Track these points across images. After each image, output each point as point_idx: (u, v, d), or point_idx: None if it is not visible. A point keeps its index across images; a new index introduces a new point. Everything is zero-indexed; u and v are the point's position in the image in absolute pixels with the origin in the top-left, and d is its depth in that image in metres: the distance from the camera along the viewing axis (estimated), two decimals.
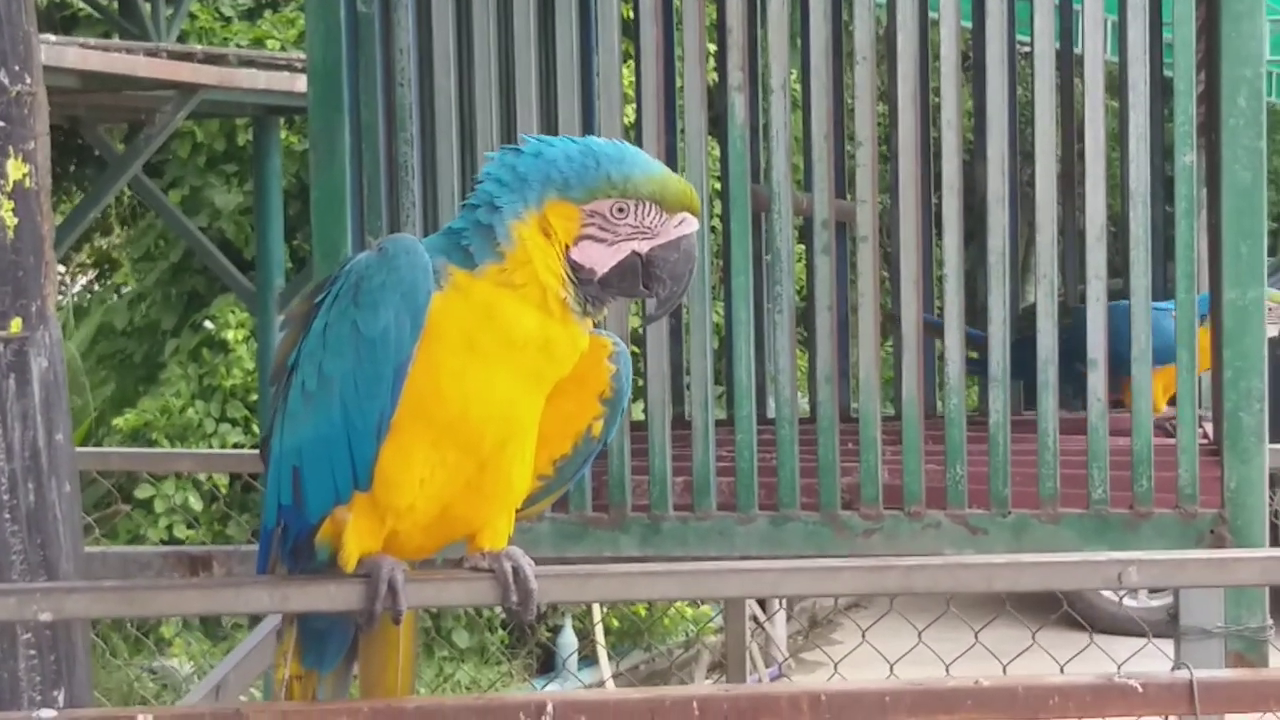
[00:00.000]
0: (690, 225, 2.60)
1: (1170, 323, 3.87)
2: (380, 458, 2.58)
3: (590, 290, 2.57)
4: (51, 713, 2.80)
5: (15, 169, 3.37)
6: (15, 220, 3.39)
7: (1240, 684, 2.58)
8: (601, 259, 2.57)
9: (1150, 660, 4.35)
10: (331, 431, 2.59)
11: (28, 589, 2.87)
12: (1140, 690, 2.52)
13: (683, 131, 3.97)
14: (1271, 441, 4.02)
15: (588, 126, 4.19)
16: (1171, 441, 3.83)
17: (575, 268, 2.56)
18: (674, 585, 2.59)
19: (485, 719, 2.51)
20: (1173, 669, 2.57)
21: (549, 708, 2.38)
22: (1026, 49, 4.07)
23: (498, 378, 2.56)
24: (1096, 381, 3.81)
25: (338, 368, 2.58)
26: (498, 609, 9.46)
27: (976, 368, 4.00)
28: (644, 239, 2.58)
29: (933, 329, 4.29)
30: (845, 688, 2.51)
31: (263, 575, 2.76)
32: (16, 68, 3.38)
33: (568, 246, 2.56)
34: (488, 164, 2.62)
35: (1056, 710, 2.52)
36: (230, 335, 10.53)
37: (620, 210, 2.57)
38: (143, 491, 9.56)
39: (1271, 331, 5.06)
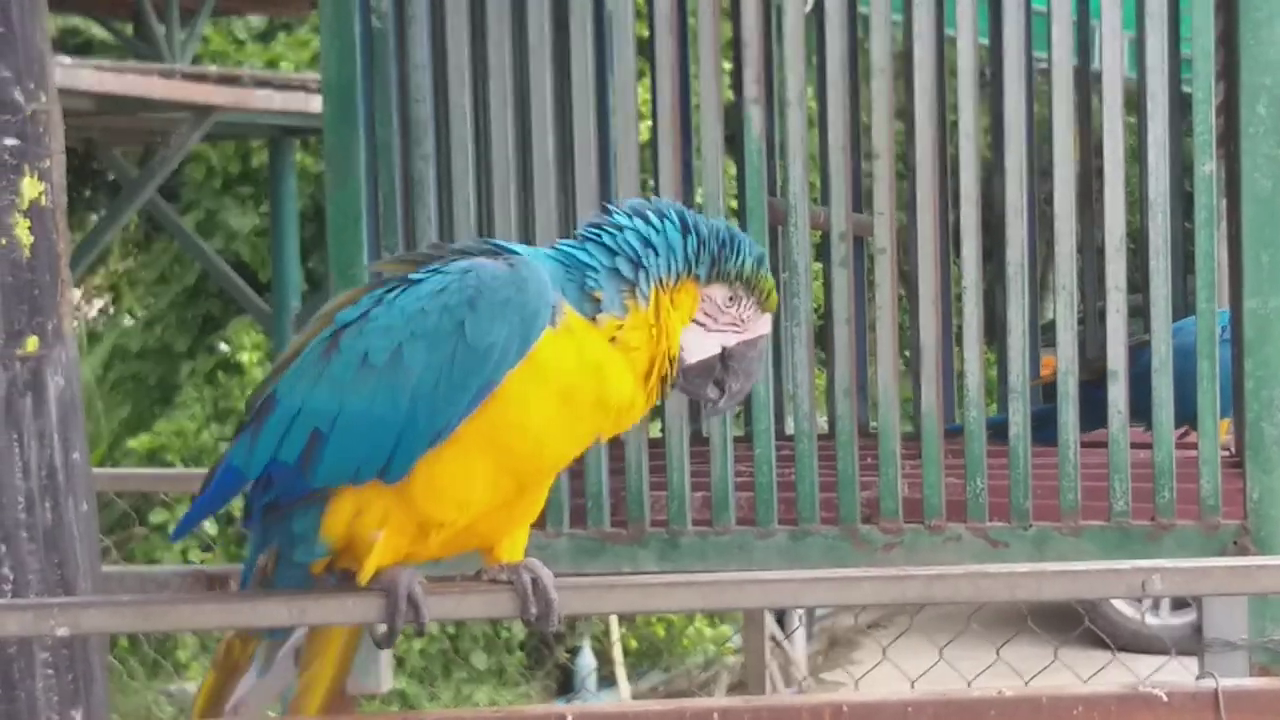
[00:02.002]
0: (767, 325, 2.58)
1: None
2: (429, 464, 2.49)
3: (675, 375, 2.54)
4: None
5: (31, 187, 3.37)
6: (31, 239, 3.38)
7: (1266, 693, 2.56)
8: (698, 346, 2.54)
9: (1173, 676, 4.32)
10: (385, 415, 2.49)
11: (44, 604, 2.85)
12: (1165, 700, 2.50)
13: (699, 149, 3.96)
14: None
15: (603, 143, 4.17)
16: (1193, 453, 3.80)
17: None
18: (694, 596, 2.57)
19: None
20: (1197, 679, 2.54)
21: (568, 719, 2.36)
22: (1043, 65, 4.05)
23: (578, 426, 2.51)
24: (1118, 394, 3.78)
25: (421, 359, 2.48)
26: (516, 626, 9.47)
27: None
28: (734, 333, 2.55)
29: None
30: (866, 698, 2.49)
31: (275, 589, 2.73)
32: (31, 86, 3.38)
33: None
34: (625, 213, 2.56)
35: None
36: (245, 357, 10.54)
37: (731, 300, 2.54)
38: (158, 516, 9.56)
39: None
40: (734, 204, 6.24)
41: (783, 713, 2.48)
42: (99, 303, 14.03)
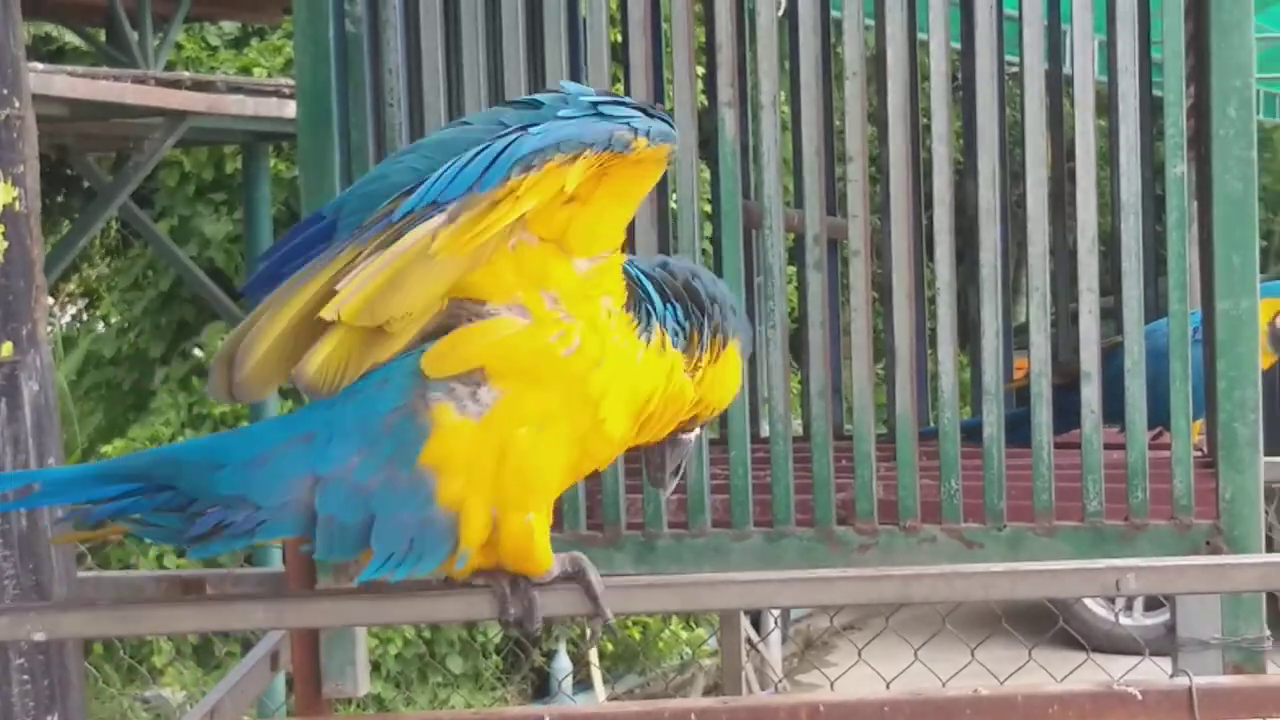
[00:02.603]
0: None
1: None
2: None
3: None
4: None
5: (4, 193, 3.37)
6: (5, 244, 3.39)
7: (1239, 690, 2.57)
8: None
9: (1147, 676, 4.34)
10: None
11: (21, 608, 2.85)
12: (1139, 698, 2.51)
13: (675, 157, 3.96)
14: (1271, 455, 4.03)
15: None
16: (1166, 454, 3.82)
17: None
18: (672, 597, 2.58)
19: None
20: (1171, 676, 2.56)
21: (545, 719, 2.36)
22: (1014, 69, 4.07)
23: (619, 424, 2.60)
24: (1090, 394, 3.80)
25: None
26: (493, 630, 9.46)
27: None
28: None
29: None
30: (843, 698, 2.50)
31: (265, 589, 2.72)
32: (5, 91, 3.38)
33: None
34: (683, 271, 2.70)
35: (1056, 718, 2.51)
36: None
37: None
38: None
39: None
40: (708, 208, 6.25)
41: (760, 713, 2.49)
42: (72, 309, 14.01)
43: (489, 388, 2.43)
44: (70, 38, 12.09)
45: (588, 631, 2.80)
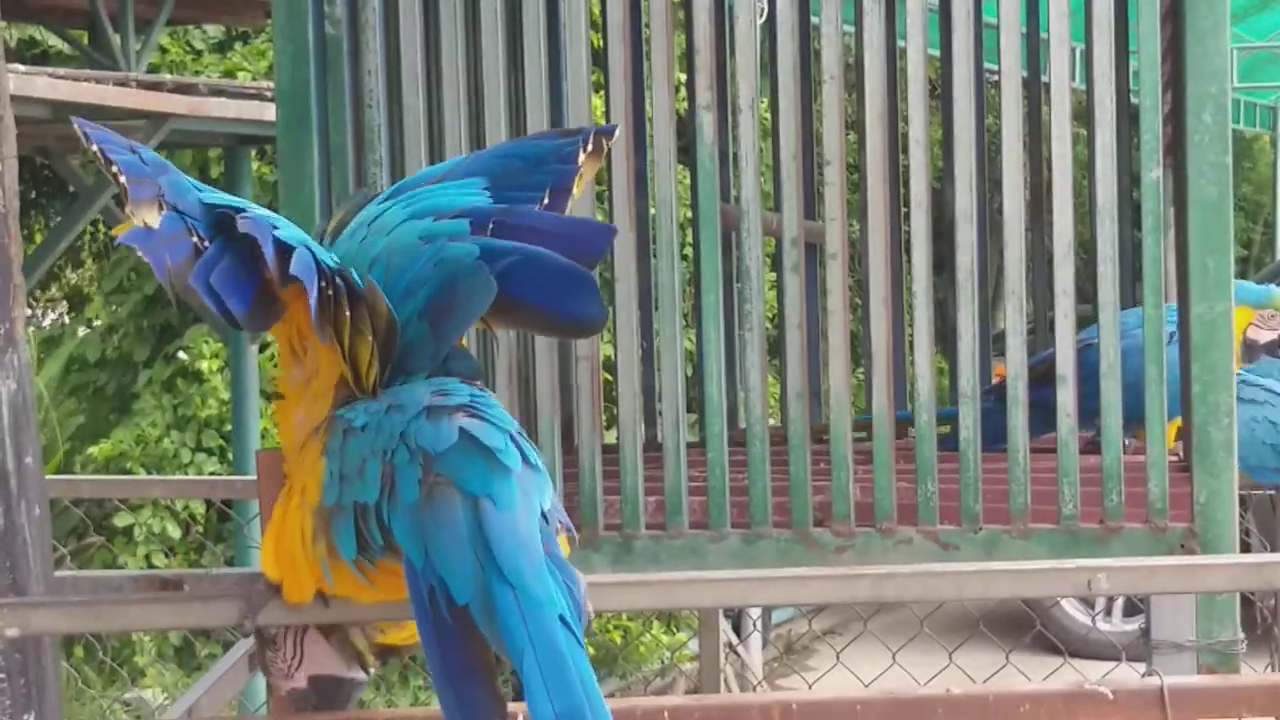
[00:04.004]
0: None
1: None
2: None
3: None
4: None
5: None
6: None
7: (1211, 690, 2.59)
8: None
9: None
10: None
11: None
12: (1111, 697, 2.53)
13: (653, 162, 3.98)
14: None
15: None
16: (1141, 458, 3.84)
17: None
18: (645, 595, 2.60)
19: None
20: (1143, 676, 2.57)
21: (520, 718, 2.37)
22: (994, 77, 4.09)
23: None
24: (1066, 398, 3.81)
25: None
26: None
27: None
28: None
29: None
30: (816, 696, 2.51)
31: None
32: None
33: None
34: None
35: (1028, 718, 2.53)
36: (204, 365, 10.51)
37: None
38: (121, 519, 9.53)
39: (1268, 336, 5.12)
40: (688, 212, 6.26)
41: (733, 711, 2.50)
42: (53, 314, 13.99)
43: None
44: (54, 41, 12.07)
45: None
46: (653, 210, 4.00)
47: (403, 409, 2.51)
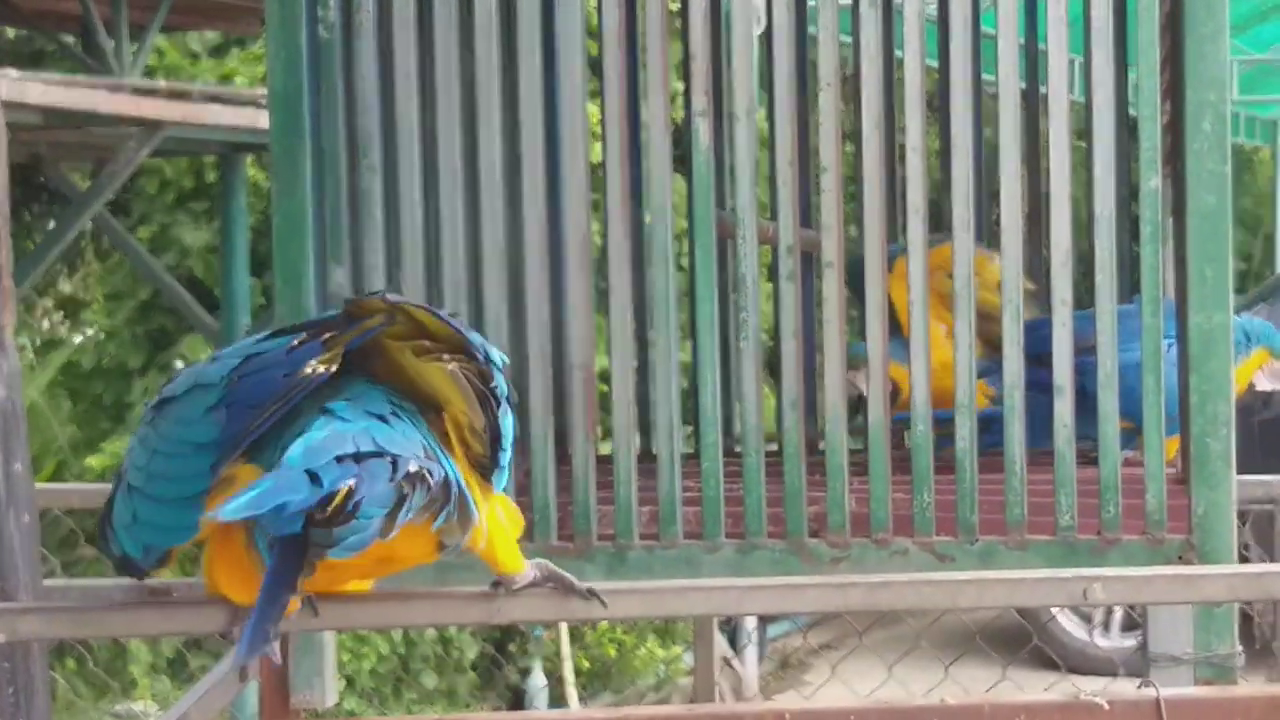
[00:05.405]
0: None
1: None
2: None
3: None
4: None
5: None
6: None
7: (1206, 701, 2.57)
8: None
9: None
10: None
11: None
12: (1107, 708, 2.50)
13: (648, 170, 3.96)
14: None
15: (551, 156, 4.16)
16: (1139, 469, 3.81)
17: None
18: (637, 604, 2.57)
19: None
20: (1139, 687, 2.55)
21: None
22: (992, 91, 4.07)
23: None
24: (1063, 408, 3.79)
25: None
26: (468, 647, 9.37)
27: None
28: None
29: None
30: (810, 706, 2.49)
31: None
32: None
33: None
34: None
35: None
36: None
37: None
38: None
39: (1267, 387, 5.07)
40: (684, 223, 6.24)
41: None
42: (47, 322, 13.96)
43: None
44: (49, 41, 12.05)
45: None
46: (648, 218, 3.98)
47: None
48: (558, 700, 10.08)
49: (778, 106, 3.98)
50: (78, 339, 12.26)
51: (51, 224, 11.46)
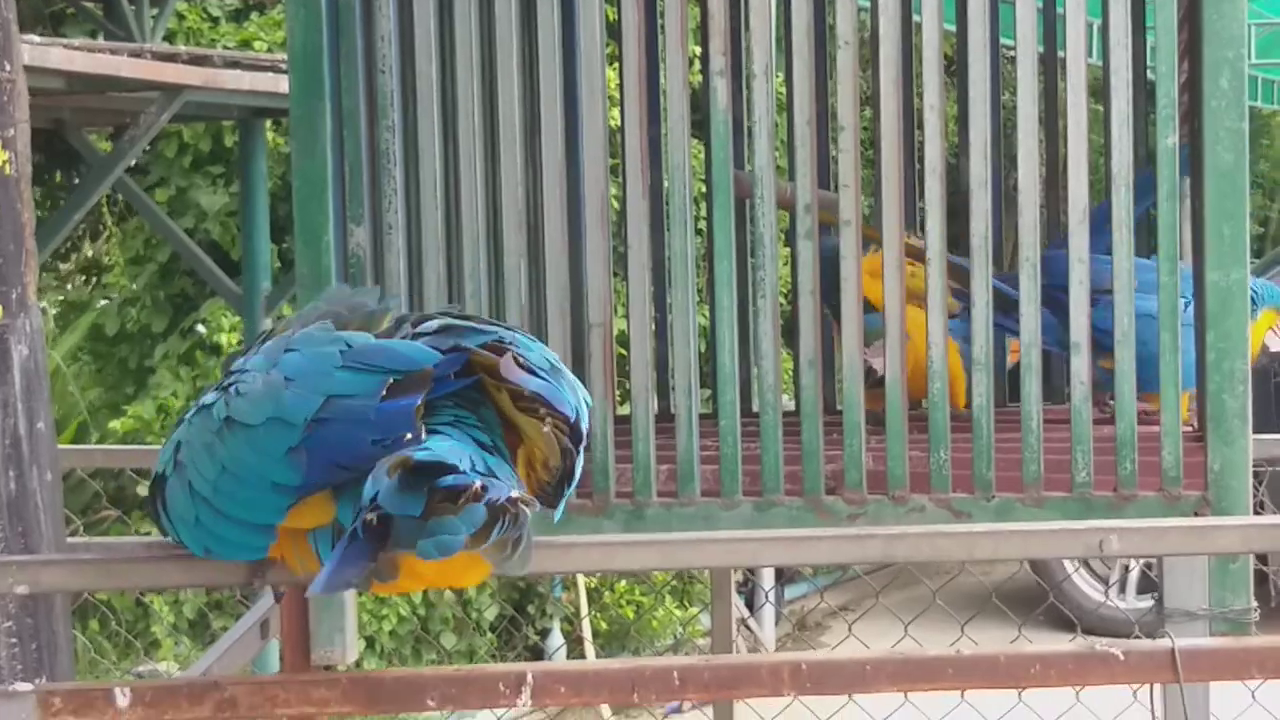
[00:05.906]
0: None
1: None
2: None
3: None
4: (28, 685, 2.79)
5: None
6: None
7: (1222, 651, 2.58)
8: None
9: None
10: None
11: (3, 561, 2.85)
12: (1122, 658, 2.52)
13: (667, 131, 3.97)
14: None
15: (570, 117, 4.18)
16: (1156, 427, 3.82)
17: None
18: (654, 555, 2.59)
19: (465, 688, 2.49)
20: (1154, 637, 2.57)
21: (529, 677, 2.37)
22: (1010, 54, 4.07)
23: None
24: (1080, 365, 3.80)
25: None
26: (487, 607, 9.40)
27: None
28: None
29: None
30: (826, 657, 2.51)
31: None
32: None
33: None
34: None
35: (1037, 679, 2.52)
36: (223, 338, 10.52)
37: None
38: (137, 490, 9.55)
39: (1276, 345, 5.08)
40: (702, 186, 6.25)
41: (742, 671, 2.49)
42: (70, 286, 14.00)
43: None
44: (69, 4, 12.06)
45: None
46: (666, 181, 3.99)
47: None
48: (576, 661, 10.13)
49: (795, 66, 3.99)
50: (101, 303, 12.29)
51: (76, 184, 11.47)
